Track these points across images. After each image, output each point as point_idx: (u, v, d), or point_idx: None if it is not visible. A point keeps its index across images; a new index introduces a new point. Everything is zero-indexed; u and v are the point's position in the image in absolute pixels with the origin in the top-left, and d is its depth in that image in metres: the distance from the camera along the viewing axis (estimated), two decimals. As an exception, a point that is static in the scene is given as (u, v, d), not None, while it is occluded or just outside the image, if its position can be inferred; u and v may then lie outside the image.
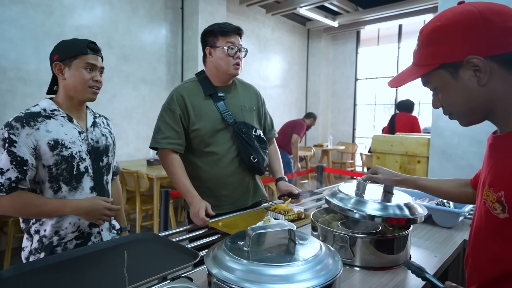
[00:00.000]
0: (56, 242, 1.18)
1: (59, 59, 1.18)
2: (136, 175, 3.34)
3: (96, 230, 1.27)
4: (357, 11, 6.16)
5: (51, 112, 1.19)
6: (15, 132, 1.08)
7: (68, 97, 1.22)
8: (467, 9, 0.68)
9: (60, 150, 1.15)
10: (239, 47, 1.51)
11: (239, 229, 1.32)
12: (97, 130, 1.31)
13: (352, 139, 7.53)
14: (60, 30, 3.62)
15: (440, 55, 0.70)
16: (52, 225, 1.17)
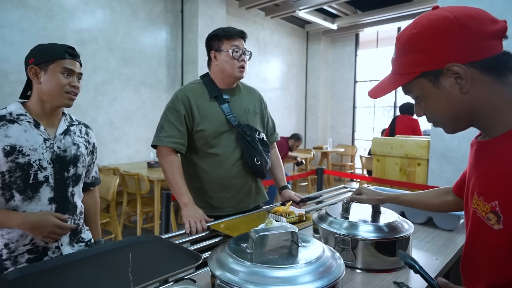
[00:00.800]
0: (6, 255, 1.10)
1: (35, 63, 1.13)
2: (137, 178, 3.34)
3: (55, 244, 1.18)
4: (356, 13, 6.19)
5: (17, 117, 1.13)
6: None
7: (41, 102, 1.16)
8: (443, 15, 0.65)
9: (15, 156, 1.09)
10: (243, 50, 1.52)
11: (241, 231, 1.33)
12: (68, 139, 1.23)
13: (351, 141, 7.54)
14: (61, 33, 3.64)
15: (419, 64, 0.68)
16: (2, 236, 1.10)
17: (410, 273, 1.04)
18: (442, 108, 0.70)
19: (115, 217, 3.14)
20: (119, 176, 3.28)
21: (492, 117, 0.68)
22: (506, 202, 0.63)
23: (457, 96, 0.67)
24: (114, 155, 4.21)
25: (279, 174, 1.74)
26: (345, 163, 7.15)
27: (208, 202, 1.55)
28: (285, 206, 1.50)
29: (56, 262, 1.01)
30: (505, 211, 0.63)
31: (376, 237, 1.05)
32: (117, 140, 4.23)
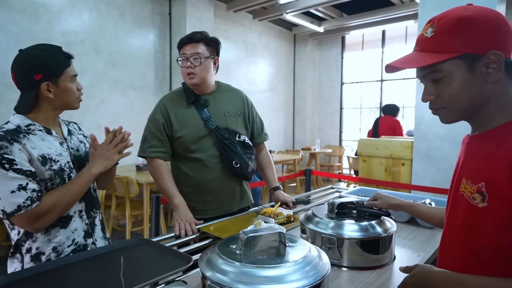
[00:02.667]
0: (54, 258, 1.13)
1: (45, 79, 1.08)
2: (126, 181, 3.33)
3: (91, 240, 1.23)
4: (342, 17, 6.30)
5: (27, 128, 1.10)
6: (7, 151, 1.01)
7: (49, 111, 1.15)
8: (491, 9, 0.72)
9: (50, 165, 1.10)
10: (188, 56, 1.49)
11: (230, 233, 1.35)
12: (74, 138, 1.26)
13: (339, 142, 7.65)
14: (47, 36, 3.59)
15: (464, 45, 0.70)
16: (49, 240, 1.12)
17: (393, 269, 1.09)
18: (464, 92, 0.72)
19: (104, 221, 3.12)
20: (107, 180, 3.26)
21: (491, 112, 0.74)
22: (491, 182, 0.69)
23: (482, 84, 0.71)
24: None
25: (270, 175, 1.75)
26: (333, 164, 7.24)
27: (190, 205, 1.57)
28: (274, 207, 1.53)
29: (48, 267, 1.02)
30: (490, 191, 0.69)
31: (360, 236, 1.09)
32: (105, 143, 4.18)
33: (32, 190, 1.03)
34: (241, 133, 1.61)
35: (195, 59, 1.49)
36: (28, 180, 1.03)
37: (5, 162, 1.00)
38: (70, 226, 1.16)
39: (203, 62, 1.50)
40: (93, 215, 1.25)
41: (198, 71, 1.50)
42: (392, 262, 1.14)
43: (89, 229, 1.23)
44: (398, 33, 6.68)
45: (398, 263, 1.14)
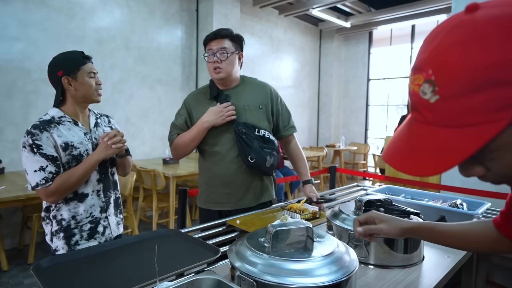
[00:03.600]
0: (74, 225, 1.37)
1: (65, 74, 1.33)
2: (153, 174, 3.43)
3: (104, 215, 1.46)
4: (370, 11, 6.15)
5: (59, 119, 1.36)
6: (37, 138, 1.27)
7: (75, 104, 1.39)
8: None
9: (70, 150, 1.34)
10: (215, 51, 1.53)
11: (256, 227, 1.37)
12: (100, 129, 1.48)
13: (364, 139, 7.50)
14: (81, 33, 3.75)
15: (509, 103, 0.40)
16: (69, 210, 1.36)
17: (422, 269, 1.08)
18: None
19: (131, 212, 3.24)
20: (135, 172, 3.37)
21: None
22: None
23: None
24: (130, 151, 4.31)
25: (302, 168, 1.73)
26: (358, 161, 7.12)
27: (210, 197, 1.63)
28: (300, 203, 1.54)
29: (85, 253, 1.08)
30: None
31: (388, 235, 1.08)
32: (133, 137, 4.33)
33: (49, 172, 1.29)
34: (261, 127, 1.59)
35: (221, 54, 1.53)
36: (48, 163, 1.28)
37: (35, 146, 1.27)
38: (88, 201, 1.40)
39: (229, 57, 1.54)
40: (109, 194, 1.48)
41: (224, 65, 1.53)
42: (421, 262, 1.13)
43: (105, 205, 1.46)
44: (428, 27, 6.44)
45: (427, 263, 1.12)
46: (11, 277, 2.76)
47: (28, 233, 3.29)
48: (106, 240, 1.46)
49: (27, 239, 3.32)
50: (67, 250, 1.36)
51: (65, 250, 1.35)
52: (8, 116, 3.30)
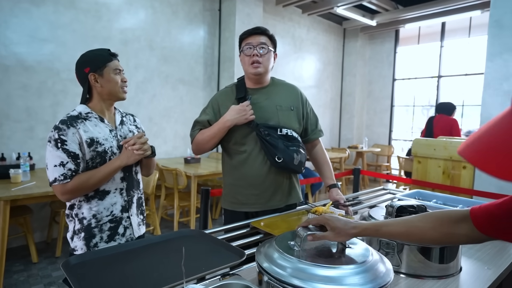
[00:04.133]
0: (94, 224, 1.35)
1: (91, 71, 1.35)
2: (175, 173, 3.46)
3: (126, 214, 1.42)
4: (397, 9, 5.96)
5: (86, 115, 1.36)
6: (63, 133, 1.27)
7: (102, 101, 1.40)
8: None
9: (95, 146, 1.33)
10: (255, 44, 1.51)
11: (281, 230, 1.34)
12: (125, 127, 1.47)
13: (388, 141, 7.30)
14: (107, 33, 3.83)
15: None
16: (90, 208, 1.34)
17: (460, 281, 1.01)
18: None
19: (154, 210, 3.27)
20: (158, 171, 3.41)
21: None
22: None
23: None
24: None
25: (327, 172, 1.69)
26: (381, 164, 6.93)
27: (237, 198, 1.60)
28: (325, 206, 1.49)
29: (112, 251, 1.09)
30: None
31: (423, 243, 1.02)
32: (156, 136, 4.39)
33: (68, 169, 1.27)
34: (291, 127, 1.57)
35: (262, 48, 1.52)
36: (69, 160, 1.27)
37: (59, 141, 1.27)
38: (109, 199, 1.37)
39: (268, 53, 1.54)
40: (132, 194, 1.45)
41: (263, 60, 1.52)
42: (458, 274, 1.06)
43: (127, 205, 1.42)
44: (460, 24, 6.18)
45: (465, 275, 1.05)
46: (40, 269, 2.85)
47: (56, 227, 3.39)
48: (127, 240, 1.42)
49: (55, 233, 3.43)
50: (86, 251, 1.33)
51: (83, 251, 1.32)
52: (39, 114, 3.41)
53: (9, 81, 3.23)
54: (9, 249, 3.00)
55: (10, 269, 2.81)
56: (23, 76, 3.31)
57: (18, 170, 2.76)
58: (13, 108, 3.27)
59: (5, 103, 3.23)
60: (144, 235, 1.55)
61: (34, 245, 2.98)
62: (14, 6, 3.21)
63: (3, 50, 3.19)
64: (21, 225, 2.93)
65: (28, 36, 3.31)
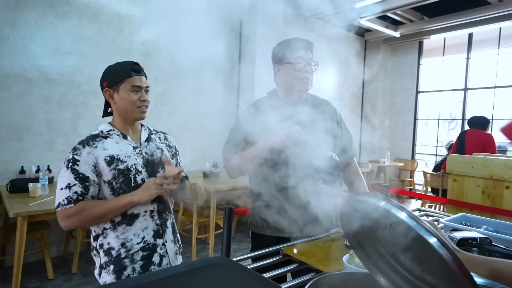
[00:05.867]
0: (124, 254, 1.20)
1: (108, 86, 1.27)
2: (194, 188, 3.36)
3: (161, 241, 1.28)
4: (422, 20, 5.80)
5: (107, 133, 1.28)
6: (77, 153, 1.19)
7: (121, 118, 1.31)
8: None
9: (116, 164, 1.22)
10: (307, 61, 1.43)
11: (316, 258, 1.21)
12: (152, 144, 1.36)
13: (411, 155, 7.03)
14: (128, 46, 3.83)
15: None
16: (117, 236, 1.21)
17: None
18: None
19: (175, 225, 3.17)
20: (177, 185, 3.32)
21: None
22: None
23: None
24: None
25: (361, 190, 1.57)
26: (404, 179, 6.66)
27: (269, 222, 1.47)
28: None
29: (132, 283, 0.97)
30: None
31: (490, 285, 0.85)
32: (175, 148, 4.33)
33: (74, 192, 1.16)
34: (329, 148, 1.46)
35: (311, 65, 1.44)
36: (76, 182, 1.16)
37: (72, 161, 1.18)
38: (138, 224, 1.23)
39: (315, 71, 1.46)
40: (165, 217, 1.32)
41: (312, 78, 1.45)
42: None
43: (160, 229, 1.28)
44: (489, 35, 5.95)
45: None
46: (56, 286, 2.77)
47: (72, 242, 3.32)
48: None
49: (71, 248, 3.36)
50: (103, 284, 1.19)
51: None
52: (59, 127, 3.40)
53: (31, 93, 3.24)
54: (25, 264, 2.94)
55: (26, 285, 2.74)
56: (45, 89, 3.31)
57: (36, 184, 2.72)
58: (35, 121, 3.26)
59: (27, 116, 3.23)
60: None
61: (50, 261, 2.91)
62: (39, 20, 3.25)
63: (27, 63, 3.21)
64: (38, 240, 2.87)
65: (52, 49, 3.33)
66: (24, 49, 3.19)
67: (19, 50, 3.17)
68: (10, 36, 3.12)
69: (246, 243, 3.87)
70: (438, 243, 0.53)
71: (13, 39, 3.14)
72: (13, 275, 2.37)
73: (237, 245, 3.84)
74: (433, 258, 0.54)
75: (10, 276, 2.43)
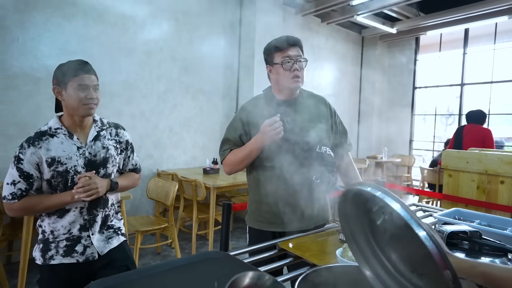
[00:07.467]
0: (51, 239, 1.37)
1: (57, 83, 1.34)
2: (194, 184, 3.40)
3: (86, 234, 1.39)
4: (418, 16, 5.82)
5: (55, 131, 1.35)
6: (22, 151, 1.29)
7: (70, 115, 1.37)
8: None
9: (56, 166, 1.32)
10: (295, 58, 1.45)
11: (311, 252, 1.25)
12: (98, 144, 1.42)
13: (408, 151, 7.08)
14: (132, 45, 3.87)
15: None
16: (49, 224, 1.37)
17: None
18: None
19: (173, 222, 3.21)
20: (177, 182, 3.36)
21: None
22: None
23: None
24: (172, 160, 4.36)
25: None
26: (401, 174, 6.72)
27: (264, 216, 1.52)
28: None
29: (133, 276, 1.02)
30: None
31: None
32: (176, 146, 4.38)
33: (18, 188, 1.29)
34: (322, 142, 1.48)
35: (300, 62, 1.46)
36: (20, 179, 1.29)
37: (17, 159, 1.29)
38: (68, 218, 1.36)
39: (305, 66, 1.48)
40: (95, 213, 1.42)
41: (302, 74, 1.47)
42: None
43: (87, 224, 1.40)
44: (485, 31, 5.97)
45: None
46: None
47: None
48: (87, 258, 1.39)
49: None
50: (42, 262, 1.36)
51: (41, 262, 1.36)
52: (60, 125, 3.45)
53: (39, 92, 3.29)
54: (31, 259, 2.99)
55: (32, 280, 2.79)
56: (51, 88, 3.36)
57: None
58: (42, 119, 3.30)
59: (35, 114, 3.28)
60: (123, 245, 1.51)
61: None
62: (47, 21, 3.31)
63: (35, 63, 3.26)
64: (41, 237, 2.92)
65: (59, 49, 3.38)
66: (33, 50, 3.24)
67: (28, 51, 3.22)
68: (19, 37, 3.16)
69: (245, 239, 3.93)
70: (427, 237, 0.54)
71: (23, 40, 3.18)
72: (19, 270, 2.42)
73: (236, 241, 3.90)
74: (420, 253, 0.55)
75: (16, 271, 2.48)
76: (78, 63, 1.35)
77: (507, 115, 6.54)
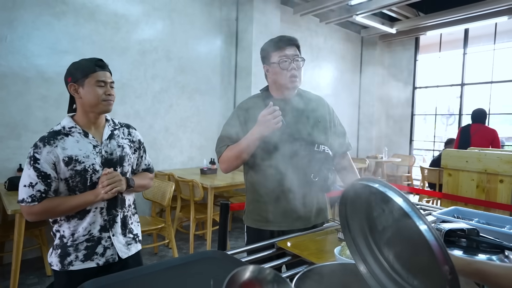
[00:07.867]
0: (70, 243, 1.33)
1: (72, 81, 1.31)
2: (191, 184, 3.38)
3: (107, 234, 1.37)
4: (418, 16, 5.81)
5: (69, 130, 1.32)
6: (38, 151, 1.25)
7: (85, 113, 1.35)
8: None
9: (74, 165, 1.29)
10: (292, 58, 1.43)
11: (309, 251, 1.23)
12: (113, 142, 1.41)
13: (409, 151, 7.06)
14: (125, 44, 3.83)
15: None
16: (69, 228, 1.32)
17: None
18: None
19: (169, 222, 3.19)
20: (174, 182, 3.34)
21: None
22: None
23: None
24: (169, 160, 4.33)
25: None
26: (402, 174, 6.70)
27: (262, 215, 1.49)
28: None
29: (128, 276, 1.00)
30: None
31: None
32: (172, 146, 4.35)
33: (37, 190, 1.24)
34: (320, 141, 1.47)
35: (297, 61, 1.44)
36: (38, 180, 1.24)
37: (33, 159, 1.24)
38: (88, 219, 1.33)
39: (303, 65, 1.46)
40: (114, 213, 1.39)
41: (299, 74, 1.45)
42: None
43: (107, 224, 1.37)
44: (485, 31, 5.97)
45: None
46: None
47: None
48: (107, 261, 1.36)
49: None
50: (60, 268, 1.31)
51: (58, 268, 1.31)
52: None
53: (29, 92, 3.25)
54: (23, 260, 2.96)
55: (25, 282, 2.76)
56: (43, 88, 3.32)
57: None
58: (32, 119, 3.28)
59: (25, 114, 3.24)
60: (139, 254, 1.49)
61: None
62: (36, 19, 3.25)
63: (24, 62, 3.21)
64: (36, 237, 2.89)
65: (49, 48, 3.33)
66: (22, 49, 3.19)
67: (17, 50, 3.17)
68: (7, 35, 3.12)
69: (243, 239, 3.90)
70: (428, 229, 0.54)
71: (11, 38, 3.14)
72: (12, 271, 2.39)
73: (235, 241, 3.87)
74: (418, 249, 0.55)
75: (8, 273, 2.45)
76: (94, 60, 1.33)
77: (507, 115, 6.54)
